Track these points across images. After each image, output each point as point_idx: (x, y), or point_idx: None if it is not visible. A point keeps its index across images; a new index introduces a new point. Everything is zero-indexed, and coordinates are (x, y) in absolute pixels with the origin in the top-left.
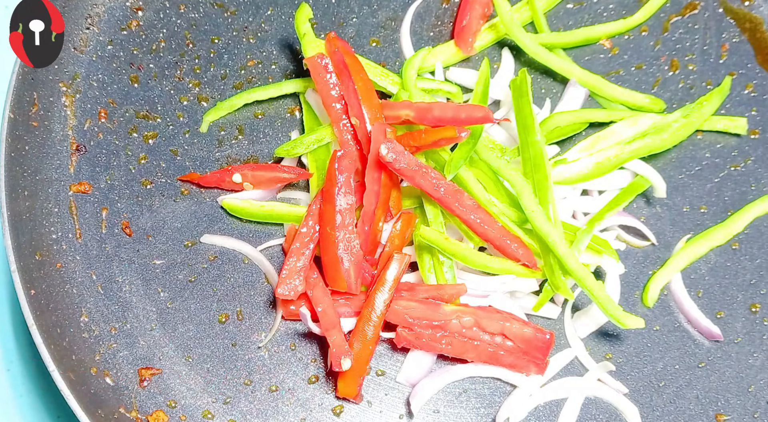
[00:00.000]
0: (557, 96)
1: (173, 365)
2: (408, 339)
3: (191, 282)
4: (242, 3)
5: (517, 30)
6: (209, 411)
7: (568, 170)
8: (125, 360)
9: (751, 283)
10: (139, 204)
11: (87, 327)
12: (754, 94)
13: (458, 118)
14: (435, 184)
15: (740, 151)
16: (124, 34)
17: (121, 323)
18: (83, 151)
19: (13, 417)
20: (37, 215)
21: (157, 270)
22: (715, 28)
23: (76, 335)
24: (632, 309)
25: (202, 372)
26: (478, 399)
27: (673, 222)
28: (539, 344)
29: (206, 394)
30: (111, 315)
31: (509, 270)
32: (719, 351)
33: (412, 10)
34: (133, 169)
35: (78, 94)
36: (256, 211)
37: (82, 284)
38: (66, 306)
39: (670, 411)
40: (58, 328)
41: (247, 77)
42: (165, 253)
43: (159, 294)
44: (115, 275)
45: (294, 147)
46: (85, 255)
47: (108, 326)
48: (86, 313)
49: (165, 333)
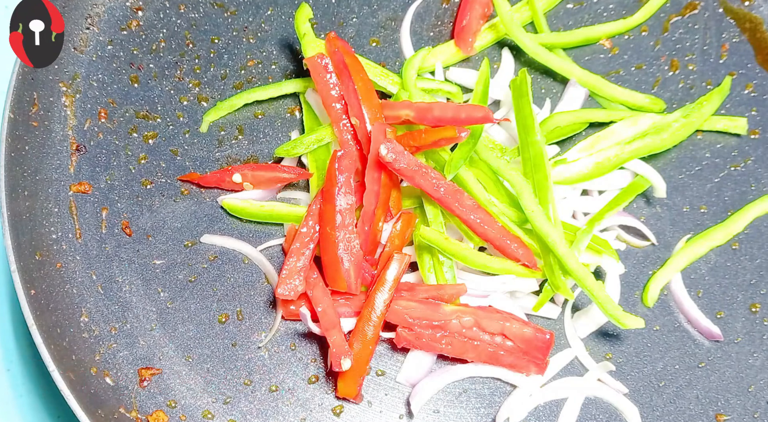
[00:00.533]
0: (557, 96)
1: (173, 365)
2: (408, 339)
3: (191, 282)
4: (242, 3)
5: (517, 30)
6: (209, 411)
7: (568, 170)
8: (125, 360)
9: (751, 283)
10: (139, 204)
11: (87, 327)
12: (754, 94)
13: (458, 118)
14: (435, 184)
15: (740, 151)
16: (124, 34)
17: (121, 323)
18: (83, 151)
19: (14, 417)
20: (37, 215)
21: (157, 270)
22: (715, 28)
23: (76, 335)
24: (632, 309)
25: (202, 372)
26: (478, 399)
27: (673, 222)
28: (539, 344)
29: (206, 394)
30: (111, 315)
31: (509, 270)
32: (719, 351)
33: (412, 10)
34: (133, 169)
35: (78, 94)
36: (256, 211)
37: (82, 284)
38: (66, 306)
39: (670, 411)
40: (58, 328)
41: (247, 77)
42: (165, 253)
43: (159, 294)
44: (115, 275)
45: (294, 147)
46: (85, 255)
47: (108, 326)
48: (86, 313)
49: (165, 333)
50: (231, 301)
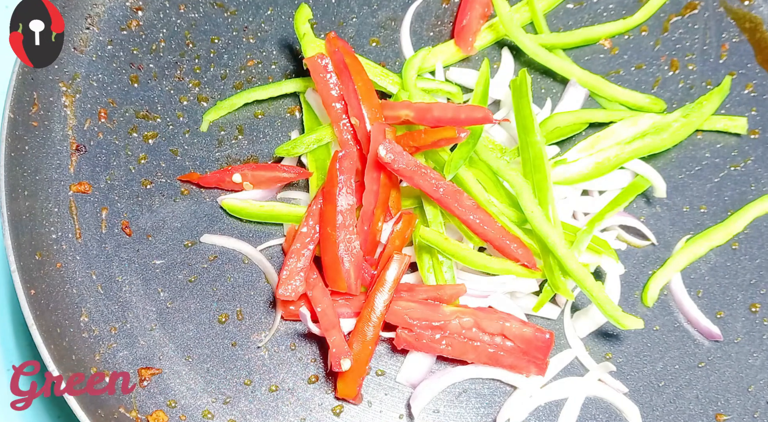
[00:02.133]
0: (557, 96)
1: (173, 365)
2: (408, 340)
3: (191, 282)
4: (242, 3)
5: (516, 31)
6: (209, 410)
7: (568, 170)
8: (125, 359)
9: (751, 283)
10: (139, 204)
11: (87, 327)
12: (753, 94)
13: (458, 118)
14: (434, 185)
15: (740, 150)
16: (124, 34)
17: (121, 323)
18: (83, 150)
19: (14, 417)
20: (37, 215)
21: (157, 270)
22: (715, 28)
23: (76, 335)
24: (632, 309)
25: (202, 371)
26: (478, 399)
27: (673, 222)
28: (539, 344)
29: (206, 394)
30: (111, 315)
31: (509, 270)
32: (719, 351)
33: (412, 10)
34: (133, 169)
35: (78, 94)
36: (256, 211)
37: (82, 284)
38: (66, 306)
39: (670, 411)
40: (58, 328)
41: (247, 77)
42: (165, 253)
43: (159, 294)
44: (115, 275)
45: (294, 146)
46: (85, 255)
47: (108, 326)
48: (86, 313)
49: (165, 333)
50: (231, 301)
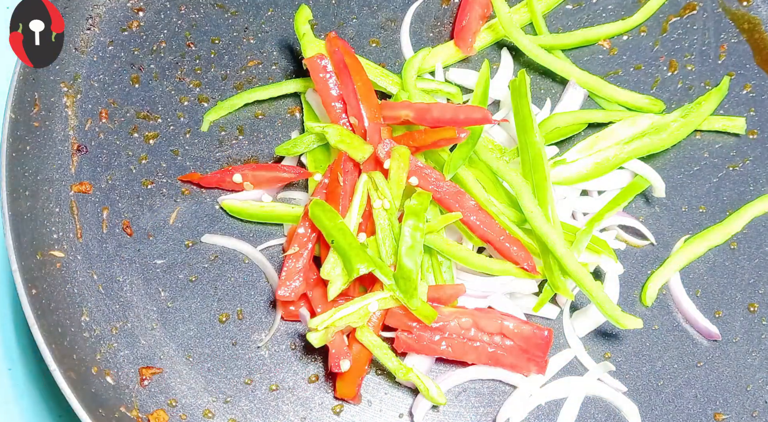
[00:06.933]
0: (557, 96)
1: (174, 364)
2: (408, 343)
3: (192, 282)
4: (243, 4)
5: (515, 32)
6: (210, 410)
7: (567, 170)
8: (126, 359)
9: (750, 283)
10: (139, 204)
11: (88, 326)
12: (752, 95)
13: (457, 118)
14: (434, 185)
15: (738, 151)
16: (125, 34)
17: (122, 322)
18: (84, 151)
19: (15, 416)
20: (38, 215)
21: (157, 269)
22: (713, 29)
23: (77, 334)
24: (631, 309)
25: (202, 371)
26: (478, 398)
27: (671, 222)
28: (538, 341)
29: (207, 393)
30: (112, 314)
31: (509, 271)
32: (717, 350)
33: (412, 11)
34: (134, 169)
35: (79, 95)
36: (256, 211)
37: (83, 284)
38: (67, 305)
39: (669, 410)
40: (59, 328)
41: (247, 77)
42: (166, 253)
43: (160, 294)
44: (115, 275)
45: (294, 145)
46: (86, 255)
47: (109, 325)
48: (87, 313)
49: (166, 332)
50: (231, 301)
